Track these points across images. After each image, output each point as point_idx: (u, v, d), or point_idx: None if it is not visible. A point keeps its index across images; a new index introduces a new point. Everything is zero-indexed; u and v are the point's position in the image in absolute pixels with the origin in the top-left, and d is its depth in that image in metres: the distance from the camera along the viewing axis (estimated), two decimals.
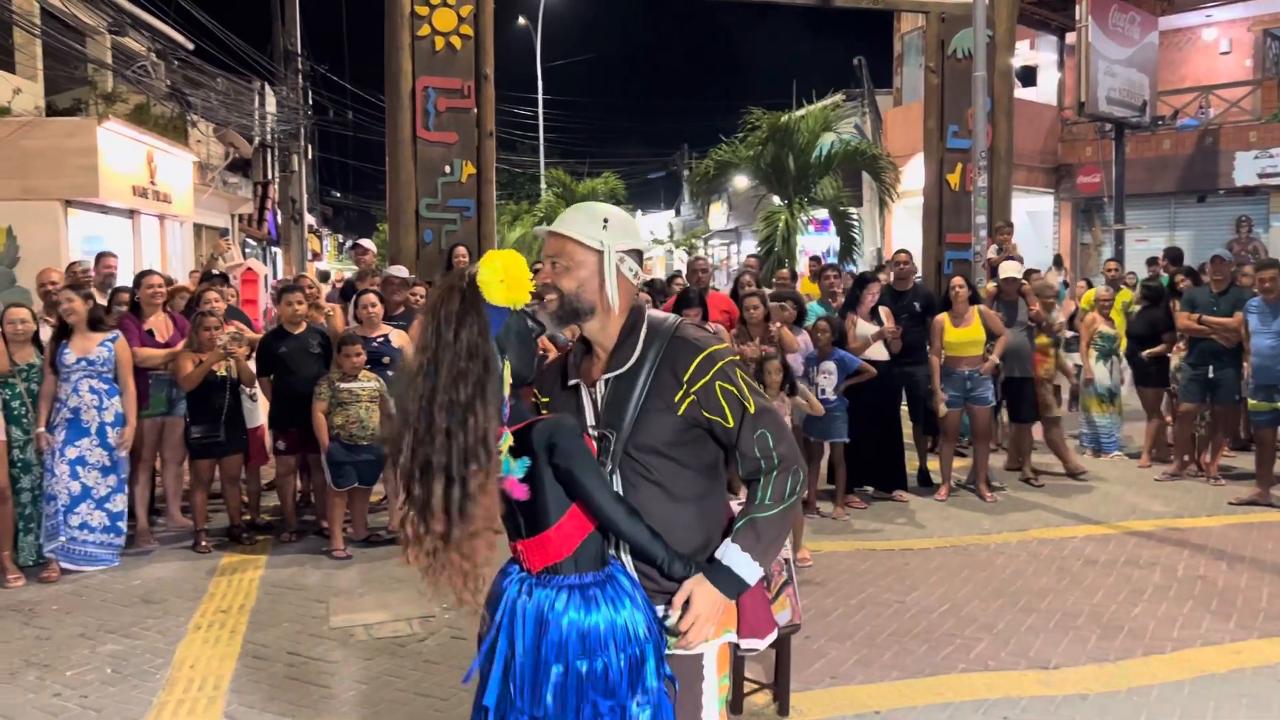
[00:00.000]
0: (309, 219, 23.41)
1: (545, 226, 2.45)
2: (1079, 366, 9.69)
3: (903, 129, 20.51)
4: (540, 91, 35.86)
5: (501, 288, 2.21)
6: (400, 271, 8.37)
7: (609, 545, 2.30)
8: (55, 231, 13.19)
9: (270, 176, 20.88)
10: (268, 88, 20.32)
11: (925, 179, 12.66)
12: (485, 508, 2.14)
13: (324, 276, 16.80)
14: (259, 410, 7.35)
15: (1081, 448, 9.56)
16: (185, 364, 6.65)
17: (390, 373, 6.78)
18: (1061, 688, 4.43)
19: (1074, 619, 5.29)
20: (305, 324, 7.06)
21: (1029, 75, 22.06)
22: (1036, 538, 6.87)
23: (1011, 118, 12.48)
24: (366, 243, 9.81)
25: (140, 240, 15.64)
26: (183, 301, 7.81)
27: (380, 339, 7.00)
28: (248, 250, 20.88)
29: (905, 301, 8.51)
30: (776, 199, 18.25)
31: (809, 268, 12.97)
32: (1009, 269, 8.94)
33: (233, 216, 22.01)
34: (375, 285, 8.09)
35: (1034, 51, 22.23)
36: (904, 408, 8.58)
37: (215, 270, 9.69)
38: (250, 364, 6.95)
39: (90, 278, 8.28)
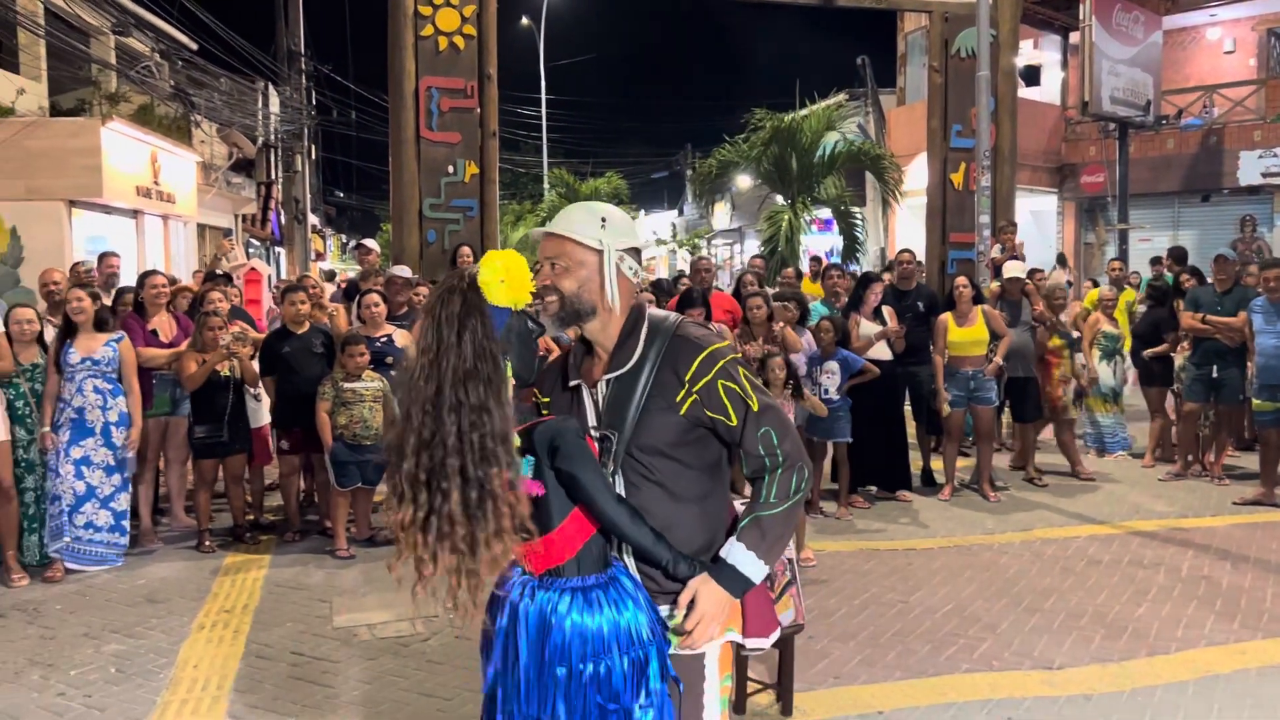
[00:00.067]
0: (312, 219, 23.41)
1: (542, 229, 2.42)
2: (1084, 366, 9.66)
3: (906, 128, 20.51)
4: (543, 91, 35.90)
5: (502, 288, 2.18)
6: (403, 271, 8.37)
7: (611, 547, 2.28)
8: (59, 232, 13.21)
9: (274, 176, 20.88)
10: (271, 88, 20.32)
11: (929, 178, 12.64)
12: (510, 507, 2.08)
13: (329, 276, 16.83)
14: (263, 410, 7.35)
15: (1085, 448, 9.55)
16: (189, 364, 6.66)
17: (393, 373, 6.78)
18: (1065, 688, 4.42)
19: (1078, 619, 5.28)
20: (308, 324, 7.06)
21: (1032, 75, 22.05)
22: (1040, 538, 6.86)
23: (1015, 117, 12.46)
24: (370, 243, 9.82)
25: (144, 240, 15.68)
26: (186, 302, 7.81)
27: (384, 339, 7.01)
28: (251, 250, 20.89)
29: (909, 301, 8.51)
30: (780, 199, 18.25)
31: (810, 268, 12.97)
32: (1013, 269, 8.93)
33: (236, 217, 22.05)
34: (379, 285, 8.09)
35: (1037, 51, 22.21)
36: (907, 407, 8.57)
37: (219, 270, 9.70)
38: (254, 364, 6.96)
39: (93, 278, 8.29)
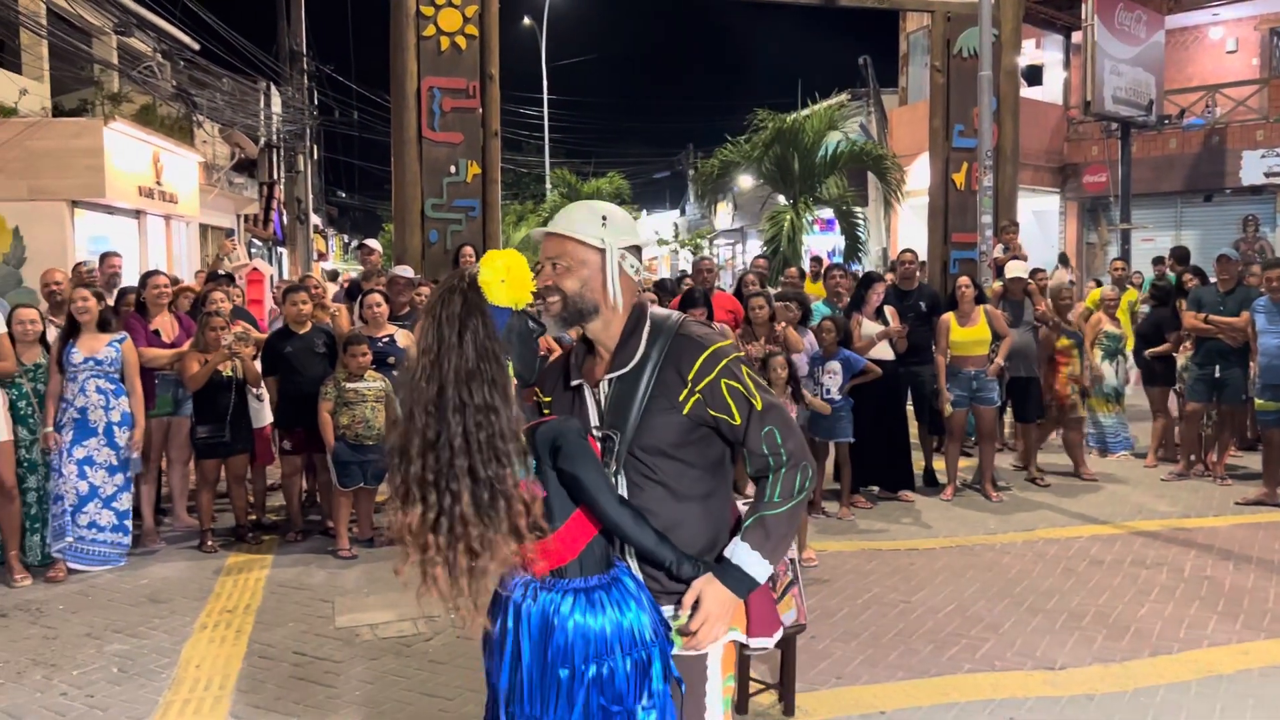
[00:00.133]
0: (314, 219, 23.43)
1: (542, 229, 2.40)
2: (1089, 366, 9.60)
3: (908, 128, 20.49)
4: (545, 91, 35.96)
5: (503, 288, 2.17)
6: (405, 271, 8.37)
7: (614, 548, 2.27)
8: (62, 232, 13.21)
9: (276, 177, 20.89)
10: (273, 88, 20.33)
11: (931, 178, 12.64)
12: (525, 505, 2.07)
13: (332, 276, 16.82)
14: (265, 410, 7.36)
15: (1088, 448, 9.54)
16: (191, 364, 6.66)
17: (396, 373, 6.79)
18: (1067, 688, 4.42)
19: (1080, 619, 5.28)
20: (310, 324, 7.06)
21: (1035, 74, 21.97)
22: (1042, 538, 6.86)
23: (1017, 117, 12.45)
24: (372, 243, 9.81)
25: (146, 240, 15.68)
26: (188, 302, 7.82)
27: (385, 339, 7.01)
28: (253, 250, 20.92)
29: (910, 301, 8.51)
30: (782, 199, 18.25)
31: (810, 268, 12.96)
32: (1015, 268, 8.93)
33: (238, 217, 22.05)
34: (381, 285, 8.09)
35: (1040, 51, 22.18)
36: (910, 407, 8.57)
37: (221, 270, 9.70)
38: (256, 364, 6.97)
39: (95, 278, 8.30)
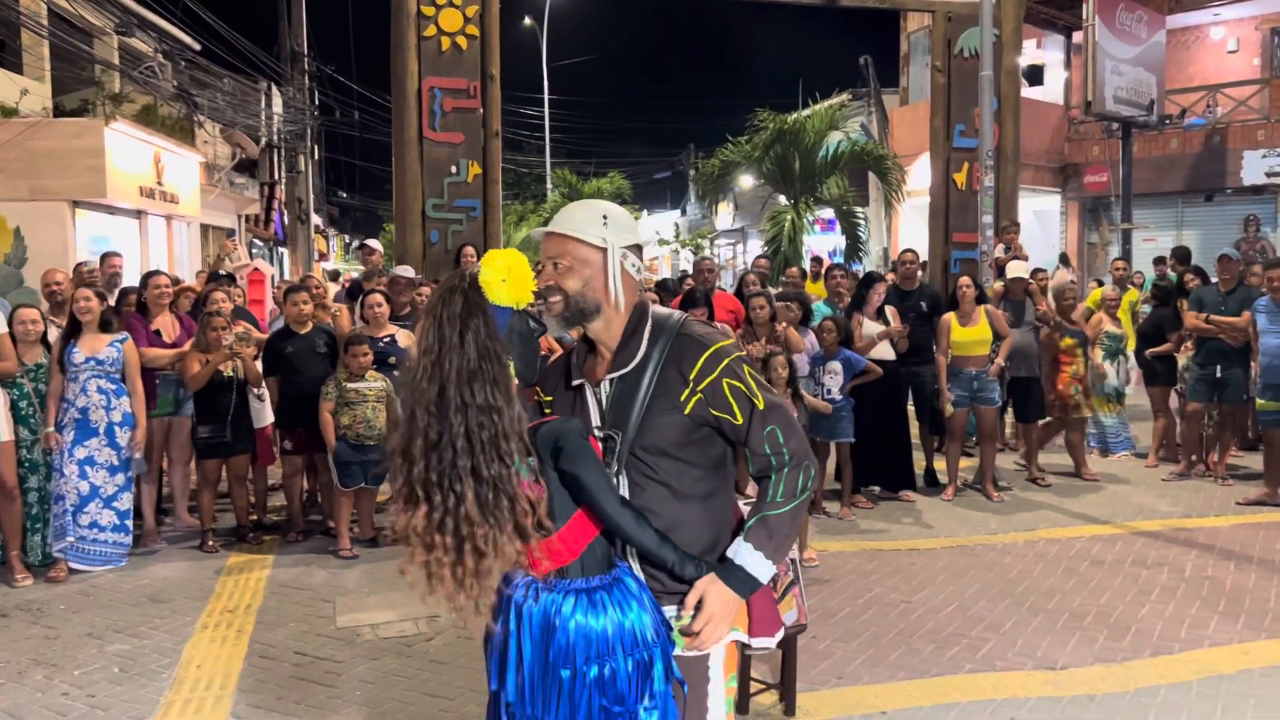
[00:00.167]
0: (315, 219, 23.44)
1: (542, 229, 2.39)
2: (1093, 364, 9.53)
3: (909, 128, 20.49)
4: (546, 91, 35.97)
5: (504, 287, 2.16)
6: (406, 271, 8.38)
7: (615, 548, 2.26)
8: (63, 232, 13.22)
9: (277, 177, 20.89)
10: (274, 88, 20.33)
11: (932, 178, 12.64)
12: (530, 504, 2.07)
13: (334, 276, 16.82)
14: (266, 410, 7.36)
15: (1089, 448, 9.53)
16: (192, 364, 6.66)
17: (397, 373, 6.79)
18: (1069, 688, 4.42)
19: (1081, 619, 5.28)
20: (311, 324, 7.07)
21: (1036, 74, 21.96)
22: (1044, 538, 6.85)
23: (1018, 117, 12.45)
24: (374, 243, 9.82)
25: (147, 241, 15.69)
26: (189, 302, 7.82)
27: (387, 339, 7.01)
28: (254, 251, 20.92)
29: (911, 301, 8.50)
30: (782, 199, 18.24)
31: (810, 268, 12.94)
32: (1016, 268, 8.92)
33: (239, 217, 22.05)
34: (382, 285, 8.10)
35: (1041, 50, 22.17)
36: (910, 407, 8.56)
37: (222, 270, 9.71)
38: (257, 364, 6.97)
39: (96, 278, 8.30)
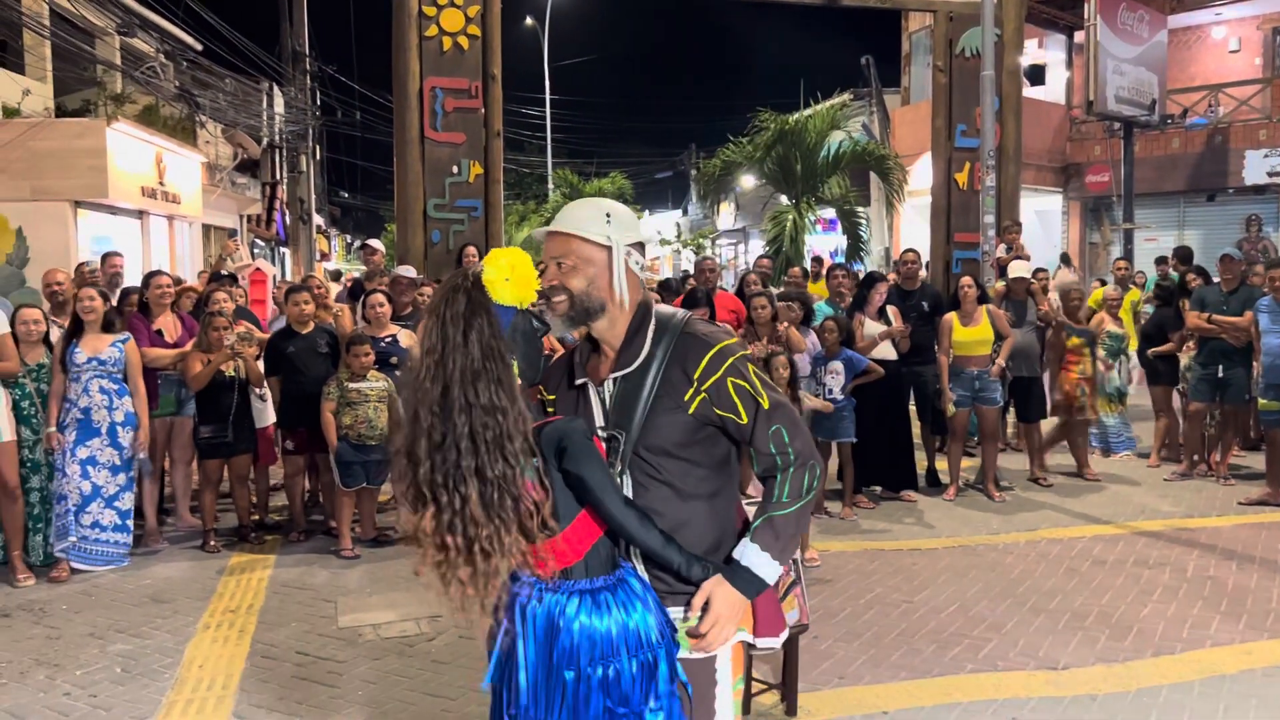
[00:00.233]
0: (317, 219, 23.44)
1: (544, 229, 2.38)
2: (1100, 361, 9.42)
3: (911, 128, 20.50)
4: (548, 91, 35.98)
5: (508, 286, 2.15)
6: (408, 271, 8.37)
7: (619, 548, 2.24)
8: (65, 232, 13.22)
9: (278, 177, 20.90)
10: (276, 88, 20.34)
11: (933, 178, 12.65)
12: (535, 505, 2.07)
13: (335, 276, 16.84)
14: (268, 410, 7.36)
15: (1091, 448, 9.52)
16: (194, 364, 6.66)
17: (398, 373, 6.79)
18: (1070, 688, 4.41)
19: (1083, 619, 5.28)
20: (313, 324, 7.07)
21: (1037, 74, 21.97)
22: (1045, 538, 6.85)
23: (1020, 117, 12.46)
24: (375, 243, 9.82)
25: (149, 241, 15.70)
26: (191, 302, 7.83)
27: (388, 339, 7.01)
28: (256, 251, 20.94)
29: (913, 301, 8.49)
30: (784, 199, 18.24)
31: (810, 268, 12.93)
32: (1018, 268, 8.91)
33: (241, 217, 22.06)
34: (383, 285, 8.10)
35: (1042, 50, 22.17)
36: (912, 407, 8.56)
37: (224, 270, 9.72)
38: (259, 364, 6.97)
39: (97, 278, 8.30)
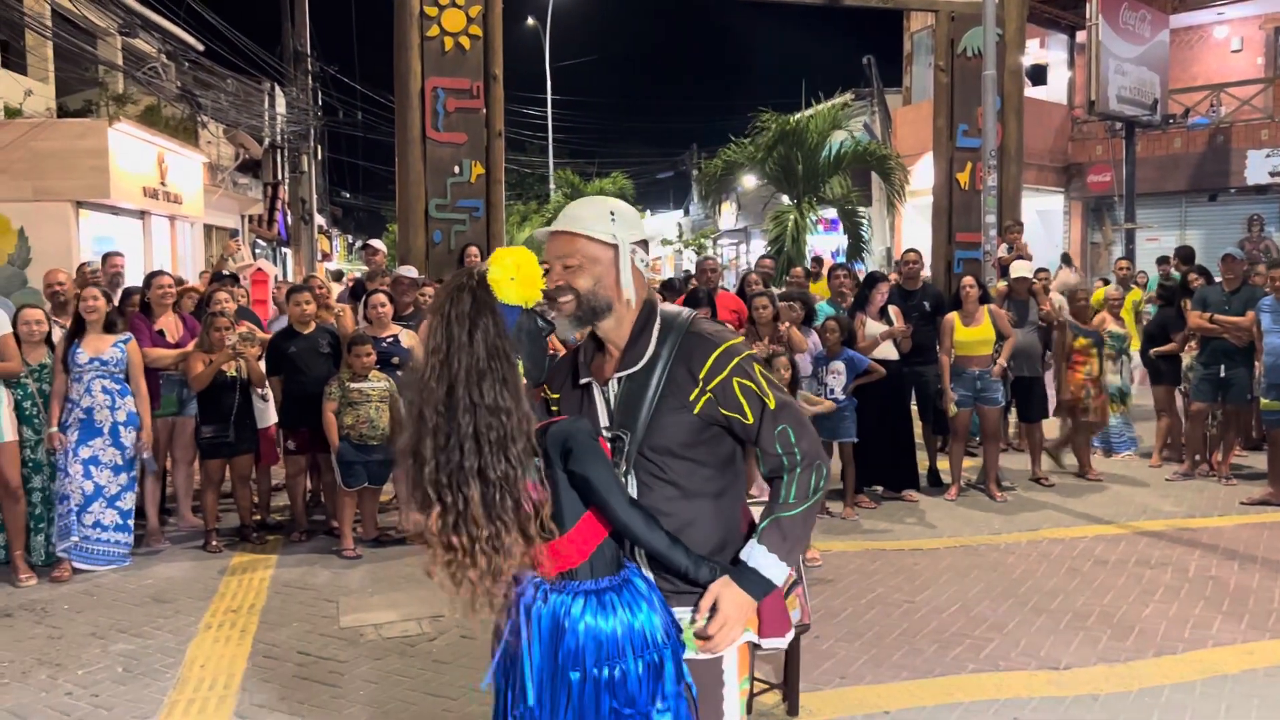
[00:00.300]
0: (319, 219, 23.45)
1: (546, 229, 2.36)
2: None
3: (912, 128, 20.48)
4: (549, 91, 36.00)
5: (513, 286, 2.14)
6: (410, 271, 8.38)
7: (624, 549, 2.23)
8: (66, 232, 13.24)
9: (280, 177, 20.92)
10: (277, 89, 20.35)
11: (935, 178, 12.64)
12: (534, 507, 2.06)
13: (337, 276, 16.84)
14: (270, 410, 7.37)
15: (1092, 447, 9.51)
16: (195, 364, 6.67)
17: (400, 373, 6.79)
18: (1072, 688, 4.41)
19: (1085, 619, 5.27)
20: (315, 324, 7.07)
21: (1039, 74, 22.00)
22: (1047, 538, 6.85)
23: (1021, 116, 12.45)
24: (377, 243, 9.82)
25: (151, 241, 15.72)
26: (192, 302, 7.84)
27: (390, 339, 7.02)
28: (258, 251, 20.95)
29: (914, 301, 8.49)
30: (785, 199, 18.24)
31: (810, 268, 12.92)
32: (1020, 268, 8.90)
33: (243, 217, 22.08)
34: (385, 285, 8.11)
35: (1044, 50, 22.17)
36: (914, 407, 8.55)
37: (225, 271, 9.73)
38: (261, 364, 6.97)
39: (98, 278, 8.32)
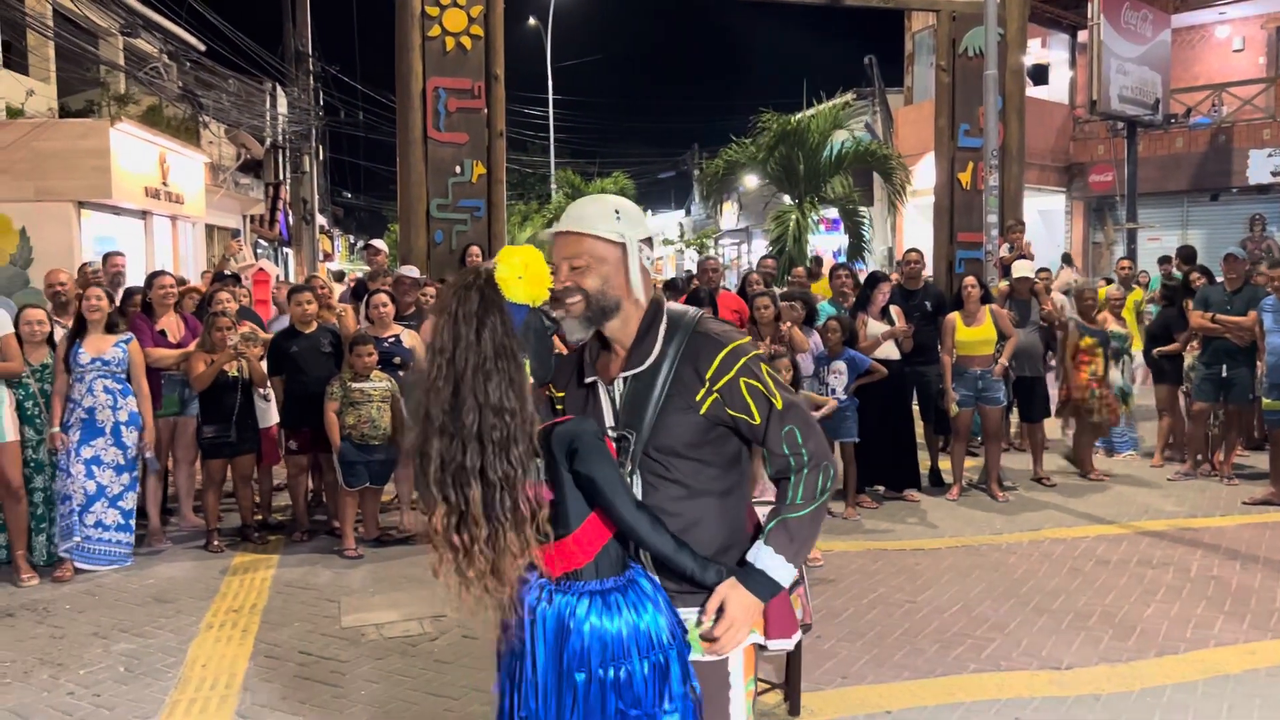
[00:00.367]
0: (320, 220, 23.50)
1: (549, 230, 2.33)
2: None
3: (914, 128, 20.48)
4: (550, 91, 36.00)
5: (521, 284, 2.12)
6: (411, 271, 8.38)
7: (628, 549, 2.22)
8: (68, 232, 13.25)
9: (282, 177, 20.95)
10: (279, 89, 20.38)
11: (936, 178, 12.62)
12: (531, 509, 2.05)
13: (339, 276, 16.86)
14: (271, 410, 7.37)
15: (1094, 447, 9.50)
16: (197, 364, 6.68)
17: (402, 373, 6.80)
18: (1074, 688, 4.41)
19: (1086, 619, 5.27)
20: (316, 323, 7.08)
21: (1040, 73, 22.00)
22: (1049, 537, 6.84)
23: (1023, 116, 12.44)
24: (379, 243, 9.83)
25: (152, 241, 15.73)
26: (194, 302, 7.84)
27: (392, 339, 7.02)
28: (259, 251, 20.97)
29: (916, 300, 8.49)
30: (787, 199, 18.24)
31: (811, 267, 12.88)
32: (1021, 268, 8.89)
33: (244, 217, 22.10)
34: (387, 285, 8.11)
35: (1045, 50, 22.16)
36: (915, 407, 8.55)
37: (227, 271, 9.74)
38: (263, 364, 6.98)
39: (99, 278, 8.32)
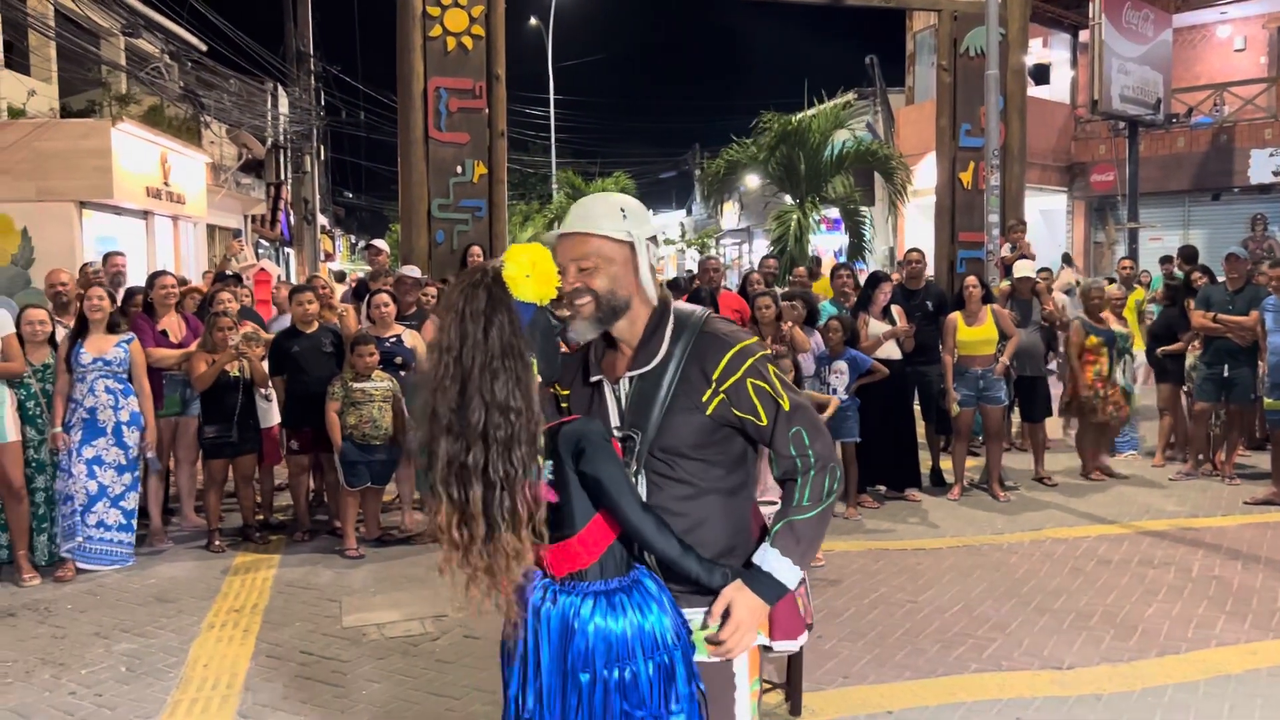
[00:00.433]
0: (321, 220, 23.50)
1: (555, 231, 2.31)
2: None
3: (915, 127, 20.48)
4: (551, 91, 35.99)
5: (529, 283, 2.10)
6: (413, 271, 8.38)
7: (634, 550, 2.21)
8: (70, 232, 13.27)
9: (283, 177, 20.97)
10: (280, 89, 20.39)
11: (938, 177, 12.61)
12: (528, 509, 2.04)
13: (340, 276, 16.87)
14: (273, 410, 7.38)
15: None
16: (199, 364, 6.68)
17: (403, 373, 6.80)
18: (1075, 688, 4.41)
19: (1088, 619, 5.27)
20: (318, 323, 7.08)
21: (1042, 73, 22.00)
22: (1050, 537, 6.84)
23: (1024, 116, 12.43)
24: (379, 243, 9.84)
25: (154, 241, 15.75)
26: (195, 302, 7.85)
27: (393, 339, 7.02)
28: (261, 251, 20.98)
29: (917, 300, 8.49)
30: (788, 198, 18.24)
31: (811, 266, 12.85)
32: (1023, 268, 8.88)
33: (246, 217, 22.12)
34: (388, 285, 8.11)
35: (1047, 49, 22.16)
36: (916, 407, 8.55)
37: (228, 271, 9.74)
38: (264, 364, 6.98)
39: (100, 278, 8.33)
